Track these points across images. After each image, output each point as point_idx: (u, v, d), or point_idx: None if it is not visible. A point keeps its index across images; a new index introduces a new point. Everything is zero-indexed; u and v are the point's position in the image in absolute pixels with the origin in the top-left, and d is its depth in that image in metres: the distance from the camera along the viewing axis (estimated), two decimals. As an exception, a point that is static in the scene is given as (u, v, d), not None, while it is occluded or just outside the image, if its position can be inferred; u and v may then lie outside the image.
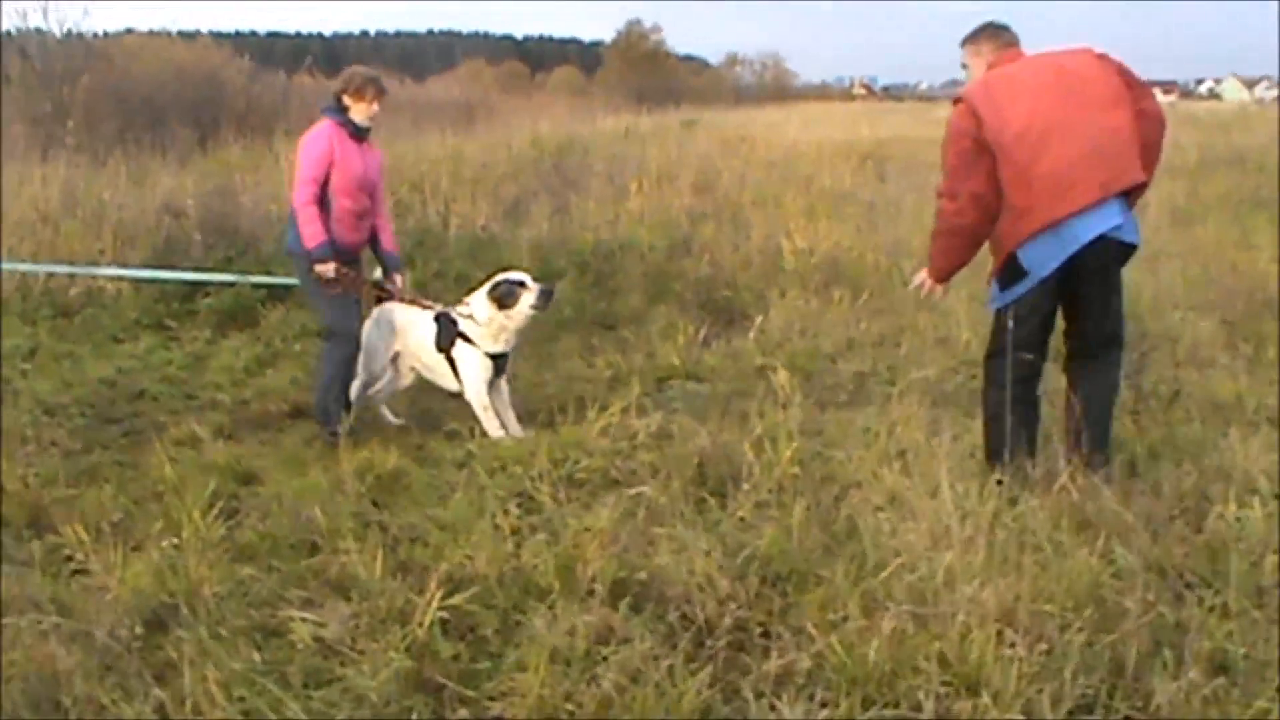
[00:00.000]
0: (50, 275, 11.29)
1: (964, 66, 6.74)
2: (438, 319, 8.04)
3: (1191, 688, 4.06)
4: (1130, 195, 6.18)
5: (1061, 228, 6.00)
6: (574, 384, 9.17)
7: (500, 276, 7.98)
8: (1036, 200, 6.03)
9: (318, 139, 7.75)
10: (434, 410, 8.45)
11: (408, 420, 8.45)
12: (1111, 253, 6.14)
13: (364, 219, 8.01)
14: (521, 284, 7.81)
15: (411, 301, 8.29)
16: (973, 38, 6.68)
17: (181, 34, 30.60)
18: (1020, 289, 6.17)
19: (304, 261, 7.79)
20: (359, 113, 7.83)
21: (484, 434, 7.64)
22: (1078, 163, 5.99)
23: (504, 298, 7.78)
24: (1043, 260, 6.07)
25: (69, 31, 21.93)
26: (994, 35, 6.62)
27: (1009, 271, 6.22)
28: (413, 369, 8.40)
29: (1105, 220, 6.01)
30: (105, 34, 26.60)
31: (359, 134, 7.87)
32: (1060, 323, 6.48)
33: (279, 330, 10.64)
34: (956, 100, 6.39)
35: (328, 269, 7.68)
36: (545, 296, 7.84)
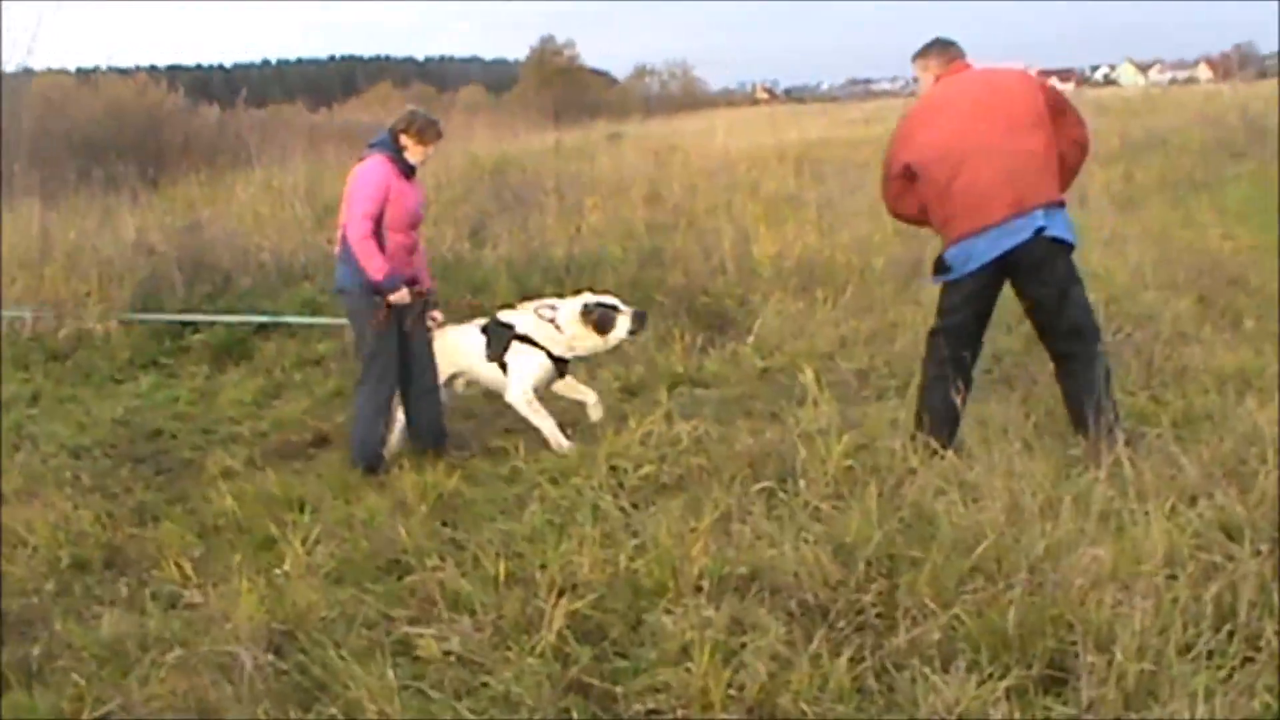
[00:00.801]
0: (37, 317, 11.31)
1: (915, 80, 7.36)
2: (484, 329, 8.27)
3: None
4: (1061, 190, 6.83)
5: (978, 238, 6.60)
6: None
7: (591, 299, 8.20)
8: (954, 213, 6.68)
9: (373, 174, 7.78)
10: (453, 430, 8.56)
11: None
12: (1041, 251, 6.63)
13: (413, 254, 8.10)
14: (616, 309, 8.07)
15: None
16: (921, 54, 7.24)
17: (115, 70, 30.31)
18: (946, 278, 6.84)
19: (357, 298, 7.85)
20: (415, 154, 7.89)
21: (542, 441, 7.92)
22: (994, 181, 6.57)
23: (601, 322, 8.03)
24: (962, 262, 6.68)
25: (21, 69, 21.79)
26: (941, 51, 7.18)
27: (937, 265, 6.91)
28: (467, 385, 8.65)
29: (1016, 234, 6.57)
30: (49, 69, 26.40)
31: (410, 172, 7.94)
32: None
33: (276, 362, 10.70)
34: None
35: (403, 296, 7.75)
36: (640, 320, 8.14)
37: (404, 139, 7.83)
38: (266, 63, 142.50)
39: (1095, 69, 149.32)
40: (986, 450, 6.24)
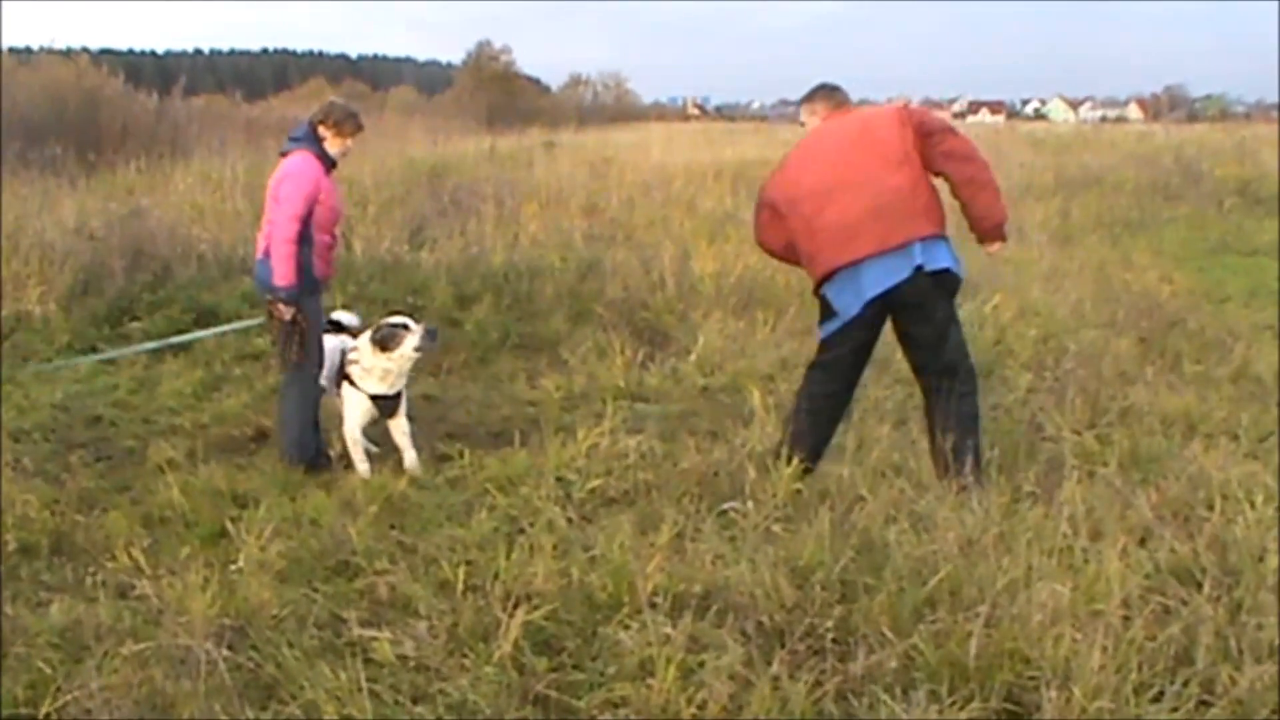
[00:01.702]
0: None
1: (801, 124, 7.45)
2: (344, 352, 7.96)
3: (1256, 676, 4.43)
4: (979, 226, 6.99)
5: (859, 274, 6.68)
6: (523, 407, 9.35)
7: (383, 321, 7.86)
8: (821, 247, 6.80)
9: (307, 173, 7.48)
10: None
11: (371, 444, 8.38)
12: (925, 287, 6.72)
13: (334, 250, 7.98)
14: (405, 326, 7.69)
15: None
16: (808, 98, 7.43)
17: (51, 51, 29.93)
18: (833, 326, 6.87)
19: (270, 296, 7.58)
20: (334, 146, 7.64)
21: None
22: (860, 218, 6.68)
23: (386, 340, 7.64)
24: (846, 304, 6.75)
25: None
26: (827, 96, 7.38)
27: (823, 310, 6.94)
28: None
29: (895, 273, 6.66)
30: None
31: (331, 167, 7.69)
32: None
33: (216, 355, 10.58)
34: None
35: (288, 311, 7.45)
36: (430, 337, 7.70)
37: (322, 130, 7.60)
38: (199, 52, 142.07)
39: (1026, 103, 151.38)
40: (930, 479, 6.37)
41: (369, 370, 7.67)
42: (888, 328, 6.97)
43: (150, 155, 20.03)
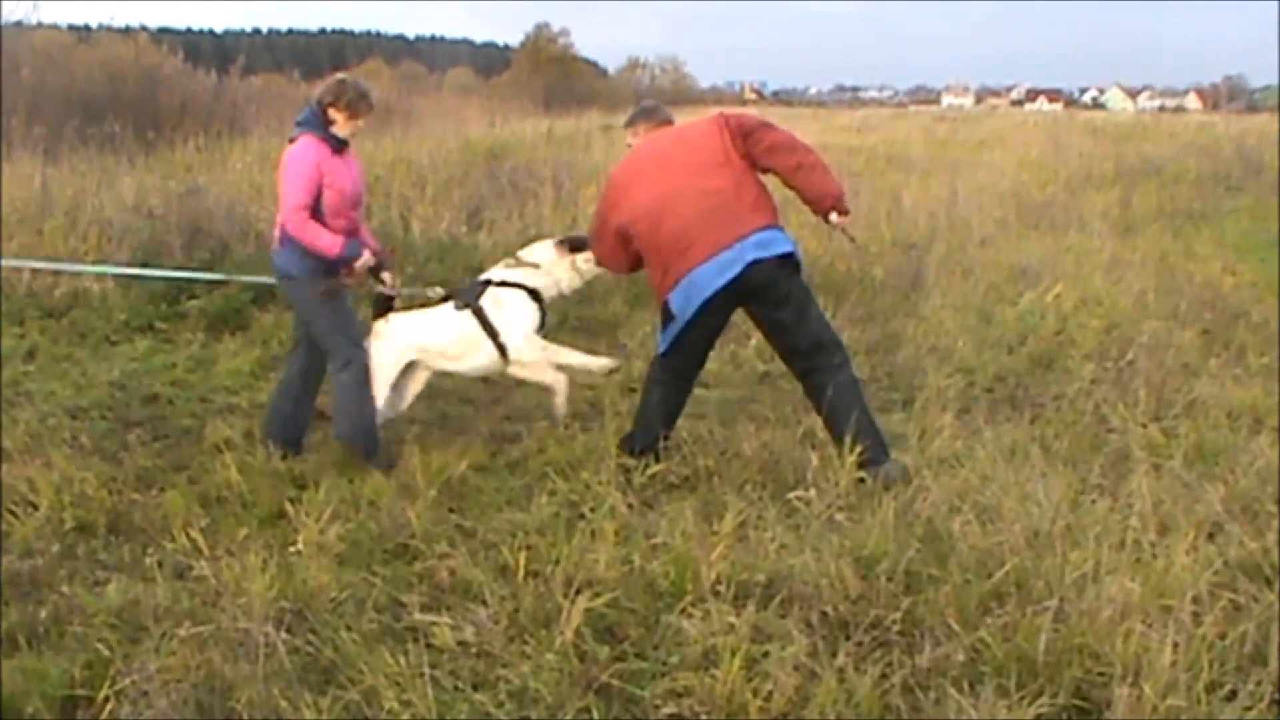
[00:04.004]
0: (35, 274, 11.17)
1: (628, 145, 7.60)
2: (449, 295, 7.84)
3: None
4: (819, 206, 7.06)
5: (694, 279, 6.76)
6: (583, 390, 9.29)
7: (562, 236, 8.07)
8: (668, 261, 6.88)
9: (304, 159, 7.16)
10: (451, 415, 8.52)
11: (427, 427, 8.37)
12: (765, 275, 6.80)
13: (355, 234, 7.48)
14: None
15: (409, 305, 8.14)
16: (631, 122, 7.66)
17: (110, 29, 30.14)
18: (673, 330, 6.96)
19: (305, 285, 7.30)
20: (344, 128, 7.29)
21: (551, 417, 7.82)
22: (692, 225, 6.80)
23: (577, 243, 7.78)
24: (683, 307, 6.83)
25: (17, 23, 21.68)
26: (648, 116, 7.59)
27: (664, 315, 7.05)
28: (428, 373, 8.01)
29: (725, 271, 6.74)
30: (40, 24, 26.24)
31: (341, 147, 7.31)
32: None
33: (273, 333, 10.57)
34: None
35: (367, 259, 7.30)
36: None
37: (332, 113, 7.23)
38: (257, 31, 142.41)
39: (1084, 91, 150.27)
40: (999, 471, 6.28)
41: (548, 273, 7.74)
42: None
43: (208, 133, 20.11)
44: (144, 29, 29.31)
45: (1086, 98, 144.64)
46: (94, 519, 6.33)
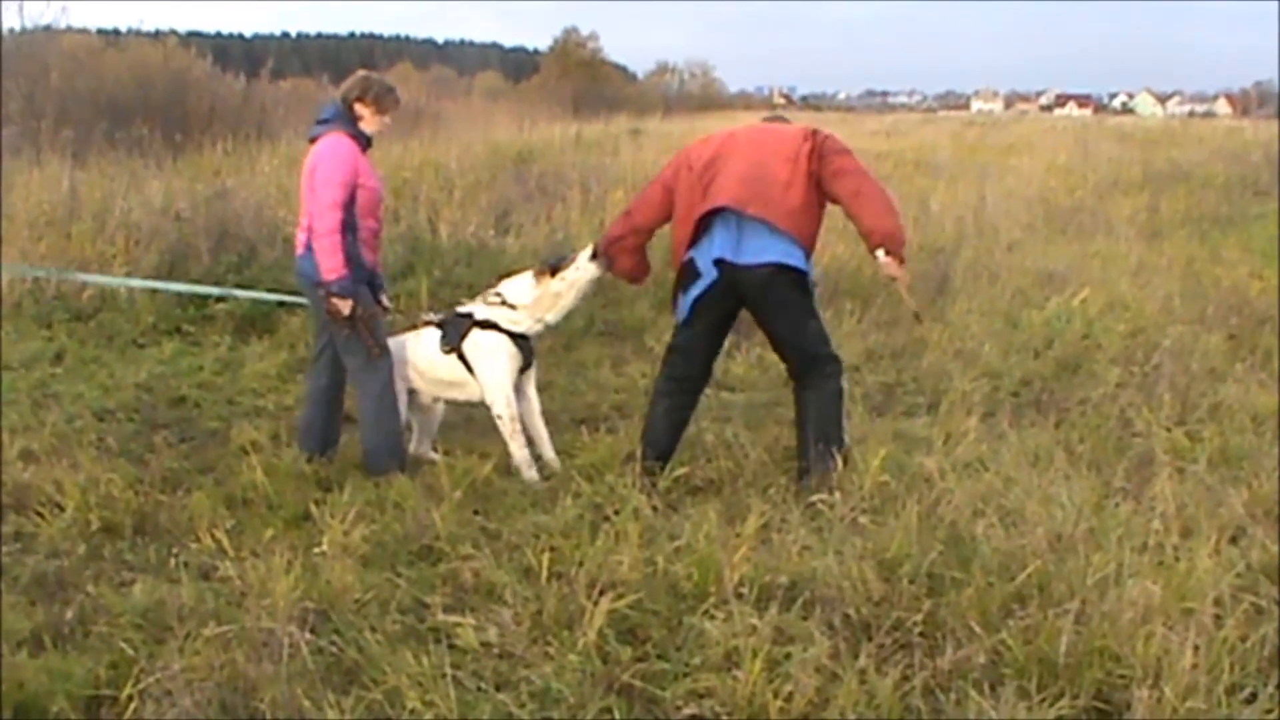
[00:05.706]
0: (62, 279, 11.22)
1: None
2: (441, 324, 7.61)
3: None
4: (871, 238, 6.95)
5: (711, 234, 6.87)
6: (609, 394, 9.34)
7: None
8: (693, 203, 6.96)
9: (341, 156, 7.02)
10: (476, 417, 8.54)
11: (452, 429, 8.38)
12: (761, 279, 6.79)
13: (380, 236, 7.52)
14: (570, 252, 7.67)
15: (411, 325, 8.00)
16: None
17: (139, 33, 30.29)
18: (695, 291, 7.00)
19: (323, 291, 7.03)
20: (371, 124, 7.22)
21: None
22: (733, 176, 6.84)
23: (556, 264, 7.47)
24: (706, 265, 6.91)
25: (46, 26, 21.79)
26: (769, 111, 7.51)
27: (685, 276, 7.11)
28: (436, 400, 7.90)
29: (725, 248, 6.80)
30: (69, 27, 26.32)
31: (368, 145, 7.25)
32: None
33: (300, 336, 10.61)
34: None
35: (345, 305, 6.96)
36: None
37: (359, 108, 7.16)
38: (286, 35, 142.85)
39: (1113, 96, 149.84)
40: (1023, 475, 6.29)
41: (530, 306, 7.44)
42: None
43: (237, 137, 20.12)
44: (173, 33, 29.47)
45: (1116, 103, 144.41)
46: (120, 520, 6.38)
